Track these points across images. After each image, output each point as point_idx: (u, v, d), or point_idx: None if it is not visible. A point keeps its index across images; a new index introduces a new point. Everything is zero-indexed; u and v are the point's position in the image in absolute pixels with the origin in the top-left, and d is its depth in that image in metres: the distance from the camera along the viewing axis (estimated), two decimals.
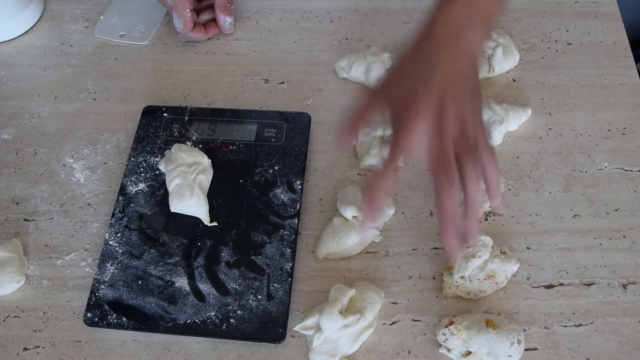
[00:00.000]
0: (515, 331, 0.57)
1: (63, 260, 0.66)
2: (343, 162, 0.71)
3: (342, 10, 0.85)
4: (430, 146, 0.55)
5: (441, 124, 0.55)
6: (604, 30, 0.80)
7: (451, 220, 0.54)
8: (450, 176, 0.53)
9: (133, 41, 0.84)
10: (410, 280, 0.63)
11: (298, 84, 0.78)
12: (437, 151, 0.54)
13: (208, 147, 0.71)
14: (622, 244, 0.64)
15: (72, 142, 0.75)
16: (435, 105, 0.55)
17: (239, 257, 0.64)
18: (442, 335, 0.58)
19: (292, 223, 0.66)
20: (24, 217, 0.69)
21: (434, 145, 0.55)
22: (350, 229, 0.63)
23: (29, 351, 0.61)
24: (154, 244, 0.65)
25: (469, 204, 0.55)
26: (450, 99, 0.55)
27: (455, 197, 0.54)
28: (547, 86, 0.76)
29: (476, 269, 0.60)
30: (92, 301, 0.62)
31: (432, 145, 0.55)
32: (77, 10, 0.88)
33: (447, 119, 0.55)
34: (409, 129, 0.55)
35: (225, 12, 0.81)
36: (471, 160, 0.54)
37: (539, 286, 0.62)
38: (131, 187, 0.69)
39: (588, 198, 0.67)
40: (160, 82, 0.80)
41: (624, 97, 0.74)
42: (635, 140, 0.71)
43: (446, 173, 0.53)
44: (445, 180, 0.53)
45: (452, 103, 0.55)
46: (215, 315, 0.61)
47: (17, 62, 0.83)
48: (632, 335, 0.59)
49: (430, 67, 0.56)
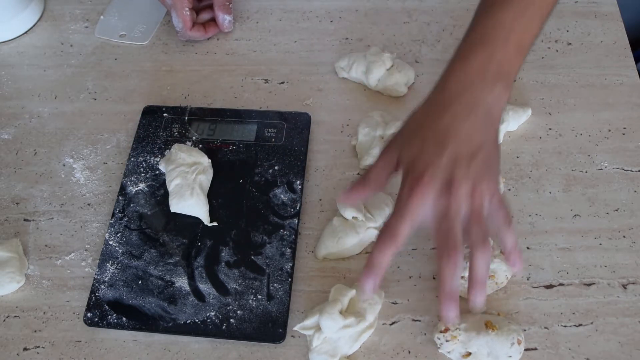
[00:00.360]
0: (515, 331, 0.57)
1: (63, 260, 0.66)
2: (343, 162, 0.71)
3: (342, 10, 0.85)
4: (437, 223, 0.53)
5: (449, 202, 0.52)
6: (604, 30, 0.80)
7: (451, 296, 0.52)
8: (454, 259, 0.51)
9: (133, 41, 0.84)
10: (410, 280, 0.63)
11: (298, 84, 0.78)
12: (444, 231, 0.52)
13: (208, 147, 0.71)
14: (622, 244, 0.64)
15: (72, 142, 0.75)
16: (443, 179, 0.52)
17: (239, 257, 0.64)
18: (437, 339, 0.58)
19: (292, 223, 0.66)
20: (24, 217, 0.69)
21: (441, 224, 0.52)
22: (350, 229, 0.63)
23: (29, 351, 0.61)
24: (154, 244, 0.65)
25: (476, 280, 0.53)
26: (461, 175, 0.52)
27: (458, 276, 0.52)
28: (547, 86, 0.76)
29: None
30: (92, 301, 0.62)
31: (438, 224, 0.52)
32: (77, 10, 0.88)
33: (454, 199, 0.52)
34: (413, 196, 0.52)
35: (224, 11, 0.81)
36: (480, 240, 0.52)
37: (539, 286, 0.62)
38: (131, 187, 0.69)
39: (588, 198, 0.67)
40: (160, 82, 0.80)
41: (624, 97, 0.75)
42: (635, 140, 0.71)
43: (450, 253, 0.51)
44: (449, 260, 0.51)
45: (462, 179, 0.52)
46: (215, 315, 0.61)
47: (17, 62, 0.83)
48: (632, 335, 0.59)
49: (444, 135, 0.53)
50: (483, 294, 0.53)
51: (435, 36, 0.81)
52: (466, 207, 0.52)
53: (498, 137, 0.56)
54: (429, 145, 0.54)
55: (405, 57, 0.79)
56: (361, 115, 0.74)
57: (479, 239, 0.52)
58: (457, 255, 0.51)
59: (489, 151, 0.54)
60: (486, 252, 0.52)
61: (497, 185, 0.55)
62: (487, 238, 0.53)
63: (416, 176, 0.53)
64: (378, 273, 0.54)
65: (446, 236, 0.52)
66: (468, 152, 0.53)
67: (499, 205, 0.54)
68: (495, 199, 0.54)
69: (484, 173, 0.53)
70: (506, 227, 0.54)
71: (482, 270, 0.52)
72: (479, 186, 0.52)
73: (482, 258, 0.52)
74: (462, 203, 0.52)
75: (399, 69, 0.75)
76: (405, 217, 0.53)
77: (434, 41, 0.80)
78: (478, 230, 0.52)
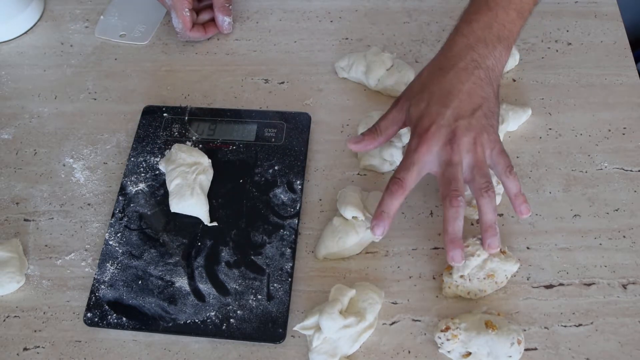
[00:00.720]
0: (515, 331, 0.57)
1: (63, 260, 0.66)
2: (343, 162, 0.71)
3: (342, 10, 0.85)
4: (441, 171, 0.58)
5: (452, 153, 0.57)
6: (604, 30, 0.80)
7: (455, 239, 0.57)
8: (456, 201, 0.56)
9: (133, 41, 0.84)
10: (410, 280, 0.63)
11: (298, 84, 0.78)
12: (447, 177, 0.57)
13: (208, 147, 0.71)
14: (622, 244, 0.64)
15: (72, 142, 0.75)
16: (447, 132, 0.58)
17: (239, 257, 0.64)
18: (438, 338, 0.58)
19: (292, 223, 0.66)
20: (24, 217, 0.69)
21: (445, 170, 0.58)
22: (350, 229, 0.63)
23: (29, 351, 0.61)
24: (154, 244, 0.65)
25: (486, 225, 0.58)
26: (463, 128, 0.58)
27: (460, 220, 0.57)
28: (547, 86, 0.76)
29: (475, 268, 0.60)
30: (92, 301, 0.62)
31: (443, 170, 0.58)
32: (77, 10, 0.88)
33: (457, 149, 0.57)
34: (419, 147, 0.58)
35: (224, 12, 0.81)
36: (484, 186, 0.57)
37: (539, 286, 0.62)
38: (131, 187, 0.69)
39: (588, 198, 0.67)
40: (160, 82, 0.80)
41: (624, 97, 0.74)
42: (635, 140, 0.71)
43: (452, 199, 0.56)
44: (452, 204, 0.56)
45: (464, 132, 0.58)
46: (215, 315, 0.61)
47: (17, 62, 0.83)
48: (632, 335, 0.59)
49: (448, 93, 0.59)
50: (496, 236, 0.58)
51: (435, 36, 0.81)
52: (469, 157, 0.58)
53: (498, 95, 0.61)
54: (434, 102, 0.59)
55: (405, 57, 0.79)
56: (361, 115, 0.74)
57: (483, 185, 0.57)
58: (459, 199, 0.57)
59: (490, 107, 0.59)
60: (491, 196, 0.57)
61: (498, 137, 0.60)
62: (491, 184, 0.58)
63: (423, 130, 0.58)
64: (387, 218, 0.59)
65: (450, 182, 0.57)
66: (470, 108, 0.58)
67: (500, 154, 0.59)
68: (497, 149, 0.59)
69: (484, 126, 0.58)
70: (508, 174, 0.59)
71: (490, 214, 0.58)
72: (480, 138, 0.58)
73: (488, 203, 0.57)
74: (465, 152, 0.58)
75: (399, 69, 0.75)
76: (412, 166, 0.58)
77: (434, 41, 0.80)
78: (481, 178, 0.58)
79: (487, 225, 0.58)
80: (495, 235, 0.58)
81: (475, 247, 0.60)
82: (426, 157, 0.58)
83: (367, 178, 0.70)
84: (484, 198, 0.57)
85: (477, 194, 0.58)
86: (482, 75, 0.59)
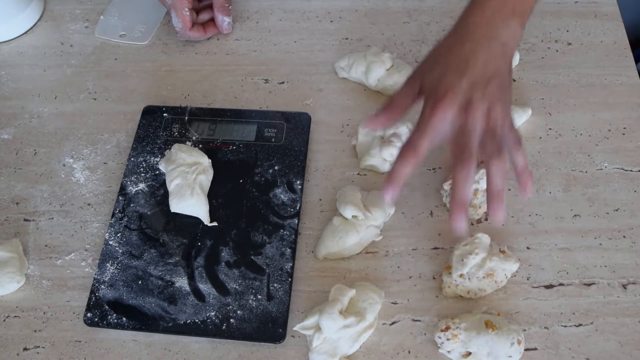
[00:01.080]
0: (515, 331, 0.57)
1: (63, 260, 0.66)
2: (343, 162, 0.71)
3: (342, 10, 0.85)
4: (454, 137, 0.58)
5: (466, 118, 0.58)
6: (604, 30, 0.80)
7: (462, 205, 0.57)
8: (468, 166, 0.56)
9: (133, 41, 0.84)
10: (410, 280, 0.63)
11: (298, 84, 0.78)
12: (460, 143, 0.57)
13: (208, 147, 0.71)
14: (622, 244, 0.64)
15: (72, 142, 0.75)
16: (463, 99, 0.58)
17: (239, 257, 0.64)
18: (438, 338, 0.58)
19: (292, 223, 0.66)
20: (24, 217, 0.69)
21: (458, 136, 0.58)
22: (350, 228, 0.63)
23: (29, 351, 0.61)
24: (154, 244, 0.65)
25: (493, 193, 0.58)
26: (478, 96, 0.58)
27: (469, 187, 0.57)
28: (547, 86, 0.76)
29: (475, 267, 0.60)
30: (92, 301, 0.62)
31: (456, 137, 0.58)
32: (77, 10, 0.88)
33: (472, 115, 0.58)
34: (434, 113, 0.58)
35: (224, 12, 0.81)
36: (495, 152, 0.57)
37: (539, 286, 0.62)
38: (131, 187, 0.69)
39: (588, 198, 0.67)
40: (160, 82, 0.80)
41: (624, 97, 0.75)
42: (635, 140, 0.71)
43: (464, 162, 0.56)
44: (463, 168, 0.56)
45: (479, 100, 0.58)
46: (215, 315, 0.61)
47: (17, 62, 0.83)
48: (632, 335, 0.59)
49: (464, 62, 0.59)
50: (502, 206, 0.57)
51: (435, 36, 0.81)
52: (481, 125, 0.58)
53: (511, 69, 0.62)
54: (449, 71, 0.59)
55: (405, 57, 0.79)
56: (361, 115, 0.74)
57: (494, 152, 0.57)
58: (470, 164, 0.56)
59: (503, 79, 0.60)
60: (501, 164, 0.57)
61: (509, 111, 0.60)
62: (502, 152, 0.57)
63: (438, 98, 0.58)
64: (398, 184, 0.59)
65: (462, 148, 0.57)
66: (484, 78, 0.59)
67: (510, 128, 0.59)
68: (507, 123, 0.59)
69: (498, 97, 0.59)
70: (517, 148, 0.59)
71: (498, 182, 0.57)
72: (493, 108, 0.58)
73: (497, 170, 0.57)
74: (478, 121, 0.58)
75: (398, 69, 0.75)
76: (426, 132, 0.58)
77: (434, 41, 0.80)
78: (493, 145, 0.58)
79: (494, 193, 0.57)
80: (502, 205, 0.57)
81: (473, 246, 0.60)
82: (440, 125, 0.58)
83: (367, 178, 0.70)
84: (493, 164, 0.57)
85: (487, 160, 0.58)
86: (497, 49, 0.60)
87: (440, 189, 0.68)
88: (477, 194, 0.65)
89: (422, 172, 0.70)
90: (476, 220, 0.66)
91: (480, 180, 0.65)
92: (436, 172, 0.70)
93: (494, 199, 0.57)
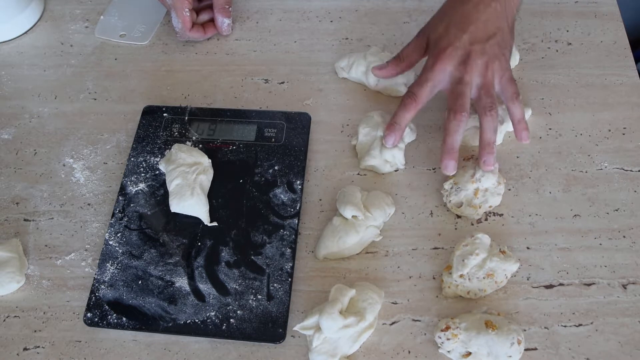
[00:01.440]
0: (515, 331, 0.57)
1: (63, 260, 0.66)
2: (343, 162, 0.71)
3: (342, 10, 0.85)
4: (451, 88, 0.64)
5: (464, 72, 0.63)
6: (604, 30, 0.80)
7: (452, 149, 0.63)
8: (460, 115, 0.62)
9: (133, 41, 0.84)
10: (410, 280, 0.63)
11: (298, 84, 0.78)
12: (456, 93, 0.63)
13: (208, 147, 0.71)
14: (622, 244, 0.64)
15: (72, 142, 0.75)
16: (462, 54, 0.63)
17: (239, 257, 0.64)
18: (438, 338, 0.58)
19: (292, 223, 0.66)
20: (24, 217, 0.69)
21: (455, 87, 0.63)
22: (350, 228, 0.63)
23: (29, 351, 0.61)
24: (154, 244, 0.65)
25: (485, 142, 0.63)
26: (477, 52, 0.63)
27: (459, 135, 0.63)
28: (547, 86, 0.76)
29: (475, 267, 0.60)
30: (92, 301, 0.62)
31: (453, 87, 0.64)
32: (77, 10, 0.88)
33: (470, 69, 0.63)
34: (435, 65, 0.64)
35: (224, 14, 0.81)
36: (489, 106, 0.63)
37: (539, 286, 0.62)
38: (131, 187, 0.69)
39: (588, 198, 0.67)
40: (160, 82, 0.80)
41: (624, 97, 0.75)
42: (635, 140, 0.71)
43: (456, 113, 0.62)
44: (455, 117, 0.62)
45: (478, 56, 0.63)
46: (215, 315, 0.61)
47: (17, 62, 0.83)
48: (632, 335, 0.59)
49: (466, 19, 0.64)
50: (492, 155, 0.63)
51: None
52: (479, 79, 0.64)
53: (513, 30, 0.67)
54: (452, 27, 0.65)
55: None
56: (361, 115, 0.74)
57: (488, 106, 0.63)
58: (463, 114, 0.63)
59: (503, 37, 0.65)
60: (494, 117, 0.63)
61: (509, 66, 0.66)
62: (495, 106, 0.63)
63: (439, 51, 0.64)
64: (399, 130, 0.66)
65: (457, 97, 0.63)
66: (485, 35, 0.64)
67: (509, 81, 0.65)
68: (506, 77, 0.65)
69: (497, 53, 0.64)
70: (515, 100, 0.65)
71: (490, 133, 0.63)
72: (492, 63, 0.64)
73: (490, 122, 0.63)
74: (476, 74, 0.63)
75: None
76: (426, 82, 0.65)
77: None
78: (487, 99, 0.63)
79: (485, 143, 0.63)
80: (492, 154, 0.63)
81: (474, 246, 0.60)
82: (440, 75, 0.64)
83: (367, 178, 0.70)
84: (487, 117, 0.63)
85: (481, 113, 0.63)
86: (499, 8, 0.64)
87: (440, 188, 0.68)
88: (477, 194, 0.65)
89: (422, 172, 0.70)
90: (476, 220, 0.66)
91: (480, 179, 0.65)
92: (436, 172, 0.70)
93: (484, 149, 0.63)
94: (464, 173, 0.66)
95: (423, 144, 0.72)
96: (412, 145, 0.72)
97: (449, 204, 0.66)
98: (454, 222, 0.66)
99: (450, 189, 0.66)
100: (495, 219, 0.66)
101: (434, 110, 0.74)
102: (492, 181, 0.65)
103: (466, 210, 0.66)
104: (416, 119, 0.71)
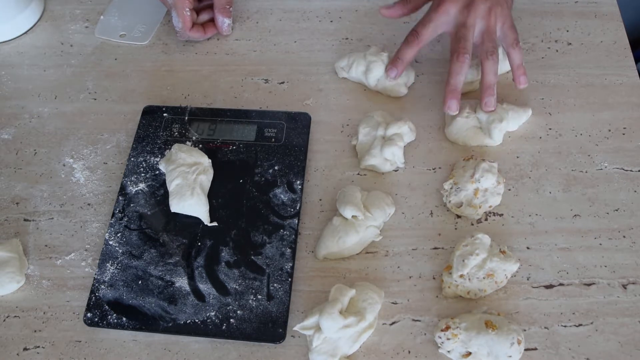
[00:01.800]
0: (515, 331, 0.57)
1: (63, 260, 0.66)
2: (343, 162, 0.71)
3: (342, 10, 0.85)
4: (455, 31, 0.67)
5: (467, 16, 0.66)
6: (604, 30, 0.80)
7: (455, 90, 0.67)
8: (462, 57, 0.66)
9: (133, 41, 0.84)
10: (410, 280, 0.63)
11: (298, 84, 0.78)
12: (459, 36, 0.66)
13: (208, 147, 0.71)
14: (622, 244, 0.64)
15: (72, 142, 0.75)
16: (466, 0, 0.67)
17: (239, 257, 0.64)
18: (438, 338, 0.58)
19: (292, 223, 0.66)
20: (24, 217, 0.69)
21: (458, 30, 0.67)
22: (350, 228, 0.63)
23: (29, 351, 0.61)
24: (154, 244, 0.65)
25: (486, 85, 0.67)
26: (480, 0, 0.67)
27: (461, 77, 0.67)
28: (547, 86, 0.76)
29: (475, 268, 0.60)
30: (92, 301, 0.62)
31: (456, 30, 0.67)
32: (77, 10, 0.88)
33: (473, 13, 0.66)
34: (439, 7, 0.68)
35: (224, 14, 0.81)
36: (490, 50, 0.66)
37: (539, 286, 0.62)
38: (131, 187, 0.69)
39: (588, 198, 0.67)
40: (160, 82, 0.80)
41: (624, 97, 0.75)
42: (635, 140, 0.71)
43: (459, 55, 0.66)
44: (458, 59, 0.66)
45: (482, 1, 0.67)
46: (215, 315, 0.61)
47: (17, 62, 0.83)
48: (632, 335, 0.59)
49: None
50: (493, 97, 0.68)
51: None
52: (481, 23, 0.67)
53: None
54: None
55: None
56: (361, 115, 0.74)
57: (490, 50, 0.67)
58: (466, 55, 0.66)
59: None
60: (495, 60, 0.67)
61: (510, 13, 0.69)
62: (497, 50, 0.67)
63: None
64: (402, 64, 0.71)
65: (460, 40, 0.67)
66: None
67: (510, 28, 0.68)
68: (508, 23, 0.68)
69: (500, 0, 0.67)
70: (514, 46, 0.68)
71: (492, 76, 0.67)
72: (495, 9, 0.67)
73: (491, 65, 0.67)
74: (478, 19, 0.67)
75: None
76: (429, 22, 0.69)
77: (434, 41, 0.80)
78: (489, 43, 0.67)
79: (486, 86, 0.67)
80: (493, 96, 0.67)
81: (474, 246, 0.60)
82: (443, 17, 0.68)
83: (367, 178, 0.70)
84: (488, 60, 0.66)
85: (483, 56, 0.67)
86: None
87: (440, 188, 0.68)
88: (477, 194, 0.65)
89: (422, 172, 0.70)
90: (476, 220, 0.66)
91: (480, 179, 0.65)
92: (436, 172, 0.70)
93: (486, 91, 0.67)
94: (464, 173, 0.66)
95: (423, 144, 0.72)
96: (412, 145, 0.72)
97: (448, 204, 0.66)
98: (454, 222, 0.66)
99: (450, 189, 0.66)
100: (495, 219, 0.66)
101: (434, 110, 0.74)
102: (492, 181, 0.65)
103: (466, 210, 0.66)
104: (416, 120, 0.71)
